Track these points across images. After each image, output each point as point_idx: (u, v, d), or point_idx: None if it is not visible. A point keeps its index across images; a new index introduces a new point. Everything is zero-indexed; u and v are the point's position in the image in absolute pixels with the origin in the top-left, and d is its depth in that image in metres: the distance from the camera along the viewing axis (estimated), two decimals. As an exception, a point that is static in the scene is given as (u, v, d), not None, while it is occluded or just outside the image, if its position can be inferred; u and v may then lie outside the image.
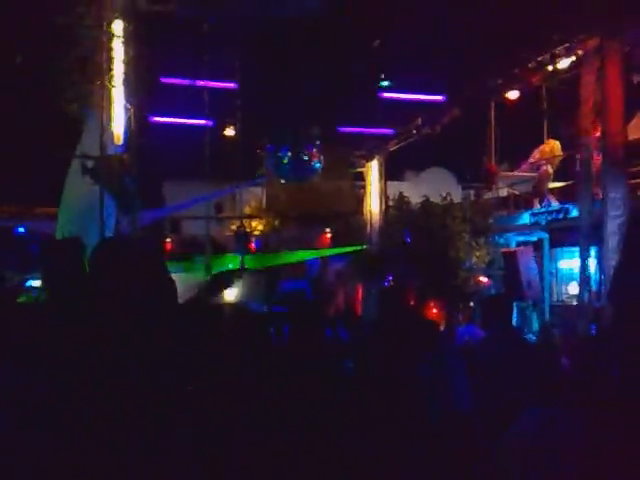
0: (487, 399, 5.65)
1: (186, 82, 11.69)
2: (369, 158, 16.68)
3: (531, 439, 2.14)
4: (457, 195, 16.17)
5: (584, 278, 9.70)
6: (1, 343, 2.54)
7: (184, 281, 4.64)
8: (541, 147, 13.30)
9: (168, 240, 20.81)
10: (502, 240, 13.78)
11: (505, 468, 2.13)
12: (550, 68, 10.68)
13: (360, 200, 17.98)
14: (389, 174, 17.15)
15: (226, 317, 4.98)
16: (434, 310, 13.70)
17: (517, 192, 14.48)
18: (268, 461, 3.19)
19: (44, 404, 2.18)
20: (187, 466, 2.49)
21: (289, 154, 13.95)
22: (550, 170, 12.87)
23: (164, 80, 11.52)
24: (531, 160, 13.36)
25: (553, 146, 13.07)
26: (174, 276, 3.19)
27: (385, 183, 16.84)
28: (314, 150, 14.05)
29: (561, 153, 12.96)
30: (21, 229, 15.35)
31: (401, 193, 15.33)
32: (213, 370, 3.81)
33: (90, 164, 8.52)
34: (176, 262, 16.87)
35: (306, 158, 14.07)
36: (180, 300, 3.47)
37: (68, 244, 3.47)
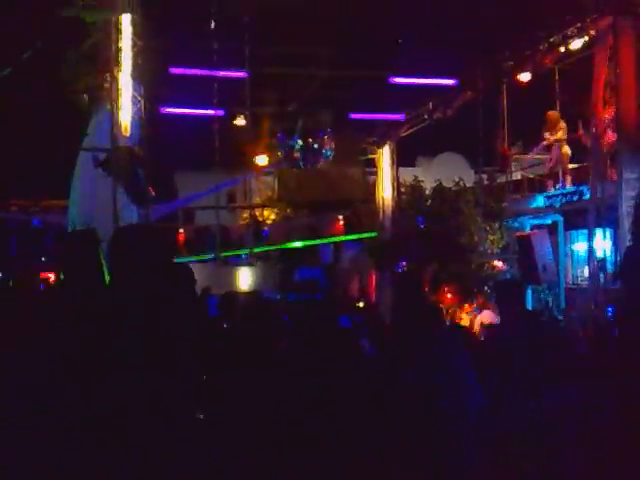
0: (502, 384, 5.62)
1: (196, 72, 11.66)
2: (380, 144, 16.60)
3: (553, 414, 2.13)
4: (470, 179, 16.07)
5: (594, 259, 9.70)
6: (19, 331, 2.55)
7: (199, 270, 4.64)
8: (548, 124, 13.04)
9: (181, 231, 20.88)
10: (516, 224, 13.68)
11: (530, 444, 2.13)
12: (562, 49, 10.55)
13: (372, 187, 17.91)
14: (401, 160, 17.06)
15: (242, 304, 4.98)
16: (448, 295, 13.66)
17: (531, 175, 14.36)
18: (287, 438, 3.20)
19: (60, 389, 2.19)
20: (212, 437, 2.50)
21: (300, 142, 13.91)
22: (568, 151, 12.69)
23: (174, 71, 11.49)
24: (545, 143, 13.19)
25: (552, 116, 12.84)
26: (193, 265, 3.20)
27: (397, 169, 16.76)
28: (325, 137, 14.00)
29: (561, 122, 12.74)
30: (35, 222, 15.46)
31: (416, 177, 15.25)
32: (229, 355, 3.82)
33: (102, 156, 8.54)
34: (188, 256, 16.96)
35: (317, 146, 14.03)
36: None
37: (83, 235, 3.47)
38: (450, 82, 12.90)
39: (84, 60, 8.25)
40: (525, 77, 11.58)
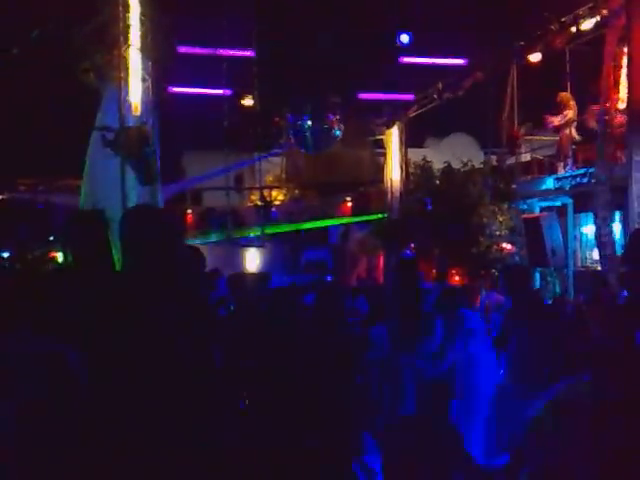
0: (512, 368, 5.64)
1: (204, 51, 11.59)
2: (389, 125, 16.51)
3: (562, 405, 2.12)
4: (479, 160, 15.95)
5: (601, 243, 9.68)
6: (25, 311, 2.55)
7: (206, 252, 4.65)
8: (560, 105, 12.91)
9: (189, 212, 20.89)
10: (525, 206, 13.58)
11: (539, 433, 2.12)
12: (573, 29, 10.44)
13: (380, 168, 17.85)
14: (410, 141, 16.97)
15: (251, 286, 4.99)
16: (456, 278, 13.62)
17: (540, 157, 14.24)
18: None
19: (72, 372, 2.19)
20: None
21: (309, 123, 13.84)
22: (574, 133, 12.57)
23: (182, 49, 11.43)
24: (556, 123, 13.04)
25: (564, 97, 12.69)
26: (201, 246, 3.20)
27: (406, 150, 16.67)
28: (334, 118, 13.92)
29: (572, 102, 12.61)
30: (40, 206, 15.49)
31: (425, 157, 15.18)
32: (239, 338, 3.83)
33: (110, 136, 8.51)
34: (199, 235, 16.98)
35: (326, 126, 13.95)
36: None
37: (91, 216, 3.47)
38: (460, 62, 12.79)
39: (92, 38, 8.21)
40: (536, 57, 11.47)
